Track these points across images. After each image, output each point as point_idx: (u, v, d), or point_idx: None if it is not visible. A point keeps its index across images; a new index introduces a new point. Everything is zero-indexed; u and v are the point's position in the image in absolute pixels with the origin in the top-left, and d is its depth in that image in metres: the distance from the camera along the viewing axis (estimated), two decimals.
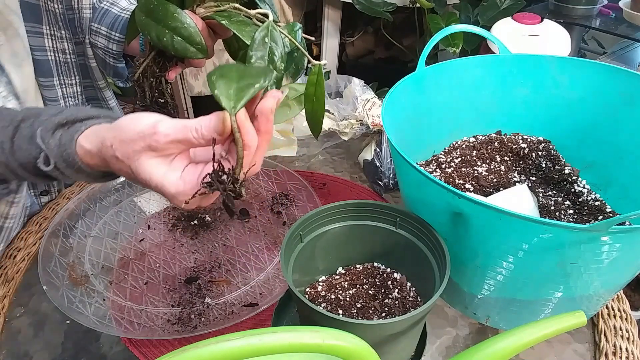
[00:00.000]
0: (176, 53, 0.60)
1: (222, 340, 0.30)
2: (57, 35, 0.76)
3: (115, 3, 0.82)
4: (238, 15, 0.60)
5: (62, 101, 0.81)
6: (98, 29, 0.81)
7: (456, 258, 0.53)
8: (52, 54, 0.77)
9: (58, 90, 0.79)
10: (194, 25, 0.58)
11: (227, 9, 0.61)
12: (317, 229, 0.59)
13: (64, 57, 0.79)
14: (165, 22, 0.58)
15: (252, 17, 0.60)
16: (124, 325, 0.62)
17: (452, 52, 1.38)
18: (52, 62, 0.77)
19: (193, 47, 0.59)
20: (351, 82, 0.98)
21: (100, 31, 0.81)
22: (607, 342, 0.60)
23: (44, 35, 0.75)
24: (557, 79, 0.74)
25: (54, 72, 0.78)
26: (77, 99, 0.83)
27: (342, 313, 0.57)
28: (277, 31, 0.56)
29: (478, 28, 0.72)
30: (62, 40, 0.77)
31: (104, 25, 0.81)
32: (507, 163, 0.75)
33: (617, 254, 0.48)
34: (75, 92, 0.83)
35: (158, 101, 0.67)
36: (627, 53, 1.49)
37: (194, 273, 0.70)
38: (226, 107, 0.41)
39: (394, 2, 1.64)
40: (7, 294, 0.68)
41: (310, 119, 0.61)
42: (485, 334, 0.62)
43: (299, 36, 0.61)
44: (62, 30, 0.76)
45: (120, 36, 0.80)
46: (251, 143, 0.44)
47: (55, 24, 0.75)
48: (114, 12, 0.81)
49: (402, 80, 0.67)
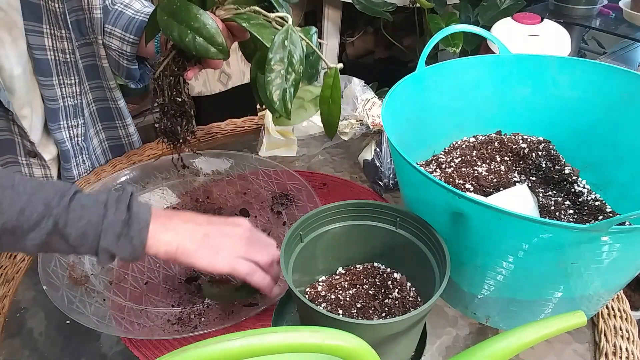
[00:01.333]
0: (197, 53, 0.61)
1: (222, 340, 0.30)
2: (57, 35, 0.76)
3: (129, 5, 0.83)
4: (257, 18, 0.61)
5: (61, 101, 0.81)
6: (112, 30, 0.81)
7: (456, 258, 0.53)
8: (52, 54, 0.77)
9: (57, 89, 0.79)
10: (215, 26, 0.59)
11: (247, 12, 0.61)
12: (317, 229, 0.59)
13: (63, 56, 0.78)
14: (187, 22, 0.59)
15: (272, 20, 0.61)
16: (124, 325, 0.62)
17: (452, 52, 1.38)
18: (52, 62, 0.77)
19: (214, 48, 0.60)
20: (351, 82, 0.98)
21: (114, 33, 0.81)
22: (607, 342, 0.60)
23: (44, 35, 0.75)
24: (557, 79, 0.74)
25: (53, 72, 0.78)
26: (76, 99, 0.83)
27: (342, 313, 0.57)
28: (296, 34, 0.57)
29: (478, 28, 0.72)
30: (62, 39, 0.77)
31: (118, 27, 0.81)
32: (507, 163, 0.75)
33: (617, 254, 0.48)
34: (75, 92, 0.82)
35: (176, 100, 0.68)
36: (627, 53, 1.49)
37: (194, 273, 0.70)
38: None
39: (394, 2, 1.64)
40: (7, 294, 0.68)
41: (325, 120, 0.62)
42: (485, 334, 0.62)
43: (315, 40, 0.63)
44: (63, 29, 0.76)
45: (134, 38, 0.81)
46: None
47: (56, 24, 0.75)
48: (128, 14, 0.81)
49: (402, 80, 0.67)
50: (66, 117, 0.82)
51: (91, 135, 0.91)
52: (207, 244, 0.56)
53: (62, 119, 0.82)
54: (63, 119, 0.82)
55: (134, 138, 0.98)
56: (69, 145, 0.85)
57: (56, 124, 0.82)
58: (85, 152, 0.88)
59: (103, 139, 0.95)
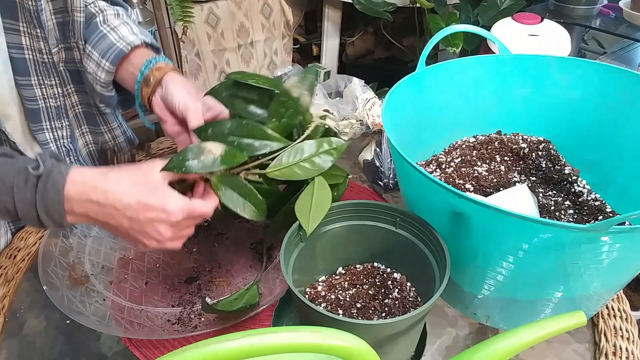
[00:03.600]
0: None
1: (222, 340, 0.30)
2: (33, 34, 0.73)
3: (115, 29, 0.77)
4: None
5: (41, 101, 0.77)
6: (91, 53, 0.76)
7: (456, 258, 0.53)
8: (29, 53, 0.73)
9: (37, 90, 0.76)
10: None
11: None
12: (317, 229, 0.59)
13: (41, 56, 0.75)
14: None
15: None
16: (124, 325, 0.62)
17: (452, 52, 1.38)
18: (30, 61, 0.74)
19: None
20: (351, 82, 0.98)
21: (92, 56, 0.76)
22: (607, 342, 0.60)
23: (20, 33, 0.71)
24: (557, 79, 0.74)
25: (31, 71, 0.74)
26: (58, 100, 0.79)
27: (342, 313, 0.57)
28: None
29: (478, 28, 0.72)
30: (38, 39, 0.73)
31: (97, 51, 0.76)
32: (507, 163, 0.75)
33: (617, 254, 0.48)
34: (56, 93, 0.79)
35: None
36: (627, 53, 1.49)
37: (194, 273, 0.70)
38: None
39: (394, 2, 1.64)
40: (7, 294, 0.68)
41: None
42: (485, 334, 0.62)
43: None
44: (37, 29, 0.72)
45: (109, 66, 0.75)
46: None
47: (31, 22, 0.72)
48: (110, 39, 0.76)
49: (402, 80, 0.67)
50: (49, 118, 0.79)
51: (76, 137, 0.88)
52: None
53: (44, 120, 0.79)
54: (46, 120, 0.79)
55: (120, 140, 0.94)
56: (53, 146, 0.82)
57: (38, 124, 0.79)
58: (72, 154, 0.85)
59: (89, 141, 0.92)
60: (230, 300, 0.63)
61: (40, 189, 0.53)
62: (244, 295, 0.64)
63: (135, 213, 0.54)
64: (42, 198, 0.53)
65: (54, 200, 0.53)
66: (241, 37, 1.73)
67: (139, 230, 0.56)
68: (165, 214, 0.55)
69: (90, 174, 0.55)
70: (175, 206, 0.55)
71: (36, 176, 0.53)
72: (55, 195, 0.53)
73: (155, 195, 0.55)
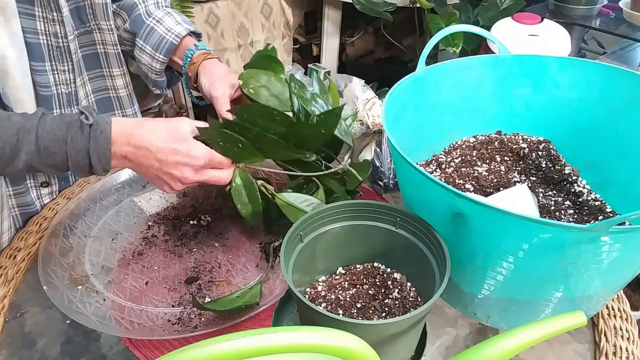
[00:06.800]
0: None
1: (222, 340, 0.30)
2: (49, 18, 0.74)
3: (161, 21, 0.85)
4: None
5: (53, 88, 0.78)
6: (143, 46, 0.85)
7: (456, 258, 0.53)
8: (45, 38, 0.74)
9: (50, 76, 0.77)
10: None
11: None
12: (317, 229, 0.59)
13: (56, 41, 0.76)
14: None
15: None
16: (124, 325, 0.62)
17: (452, 52, 1.39)
18: (44, 46, 0.75)
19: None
20: (351, 82, 0.98)
21: (145, 49, 0.85)
22: (607, 342, 0.60)
23: (35, 18, 0.72)
24: (557, 79, 0.74)
25: (45, 57, 0.75)
26: (70, 87, 0.80)
27: (342, 313, 0.57)
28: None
29: (478, 28, 0.72)
30: (55, 23, 0.74)
31: (149, 45, 0.85)
32: (507, 163, 0.75)
33: (617, 254, 0.48)
34: (68, 79, 0.80)
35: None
36: (627, 53, 1.49)
37: (194, 273, 0.70)
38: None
39: (394, 2, 1.64)
40: (7, 294, 0.68)
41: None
42: (485, 334, 0.62)
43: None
44: (54, 12, 0.74)
45: (163, 58, 0.85)
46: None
47: (47, 6, 0.73)
48: (159, 32, 0.84)
49: (402, 80, 0.67)
50: (60, 105, 0.80)
51: None
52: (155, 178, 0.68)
53: (55, 106, 0.79)
54: (57, 107, 0.79)
55: None
56: None
57: (49, 111, 0.80)
58: None
59: None
60: (231, 299, 0.63)
61: (93, 136, 0.62)
62: (246, 294, 0.64)
63: (165, 156, 0.64)
64: (95, 144, 0.62)
65: (103, 145, 0.62)
66: (241, 37, 1.73)
67: (167, 172, 0.65)
68: (189, 158, 0.64)
69: (129, 123, 0.64)
70: (198, 152, 0.65)
71: (89, 125, 0.61)
72: (104, 141, 0.62)
73: (182, 143, 0.64)
